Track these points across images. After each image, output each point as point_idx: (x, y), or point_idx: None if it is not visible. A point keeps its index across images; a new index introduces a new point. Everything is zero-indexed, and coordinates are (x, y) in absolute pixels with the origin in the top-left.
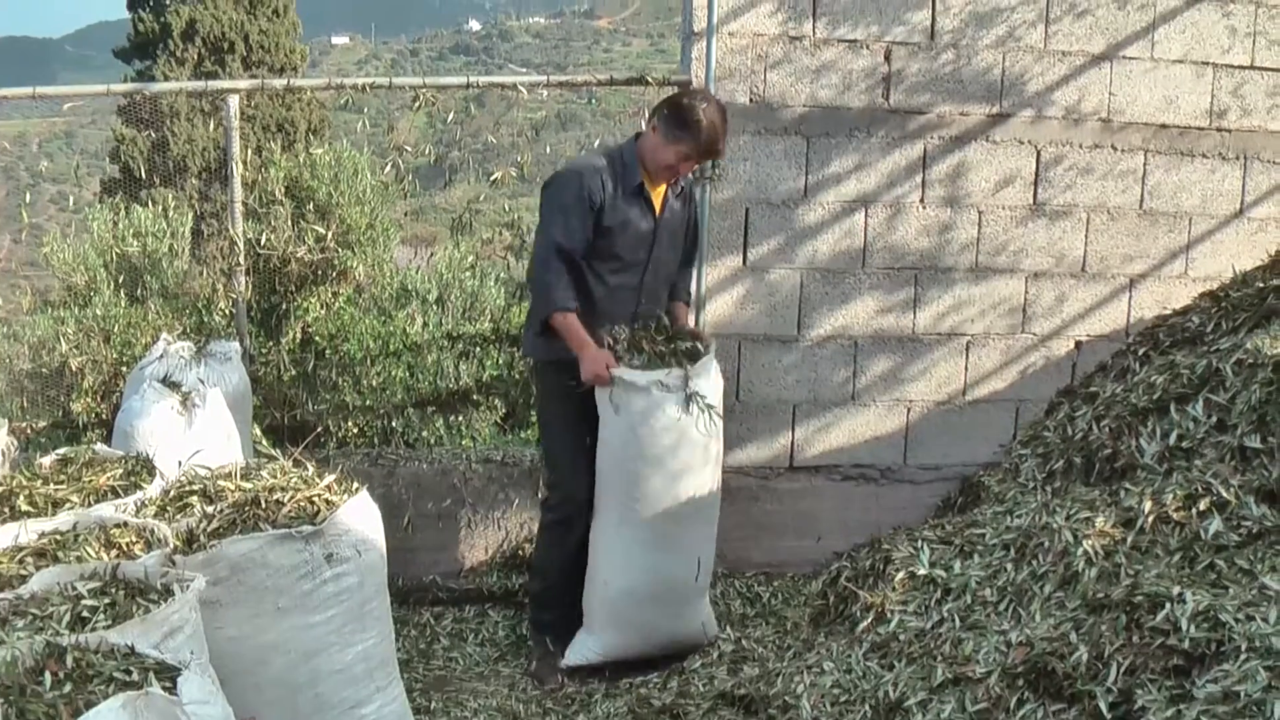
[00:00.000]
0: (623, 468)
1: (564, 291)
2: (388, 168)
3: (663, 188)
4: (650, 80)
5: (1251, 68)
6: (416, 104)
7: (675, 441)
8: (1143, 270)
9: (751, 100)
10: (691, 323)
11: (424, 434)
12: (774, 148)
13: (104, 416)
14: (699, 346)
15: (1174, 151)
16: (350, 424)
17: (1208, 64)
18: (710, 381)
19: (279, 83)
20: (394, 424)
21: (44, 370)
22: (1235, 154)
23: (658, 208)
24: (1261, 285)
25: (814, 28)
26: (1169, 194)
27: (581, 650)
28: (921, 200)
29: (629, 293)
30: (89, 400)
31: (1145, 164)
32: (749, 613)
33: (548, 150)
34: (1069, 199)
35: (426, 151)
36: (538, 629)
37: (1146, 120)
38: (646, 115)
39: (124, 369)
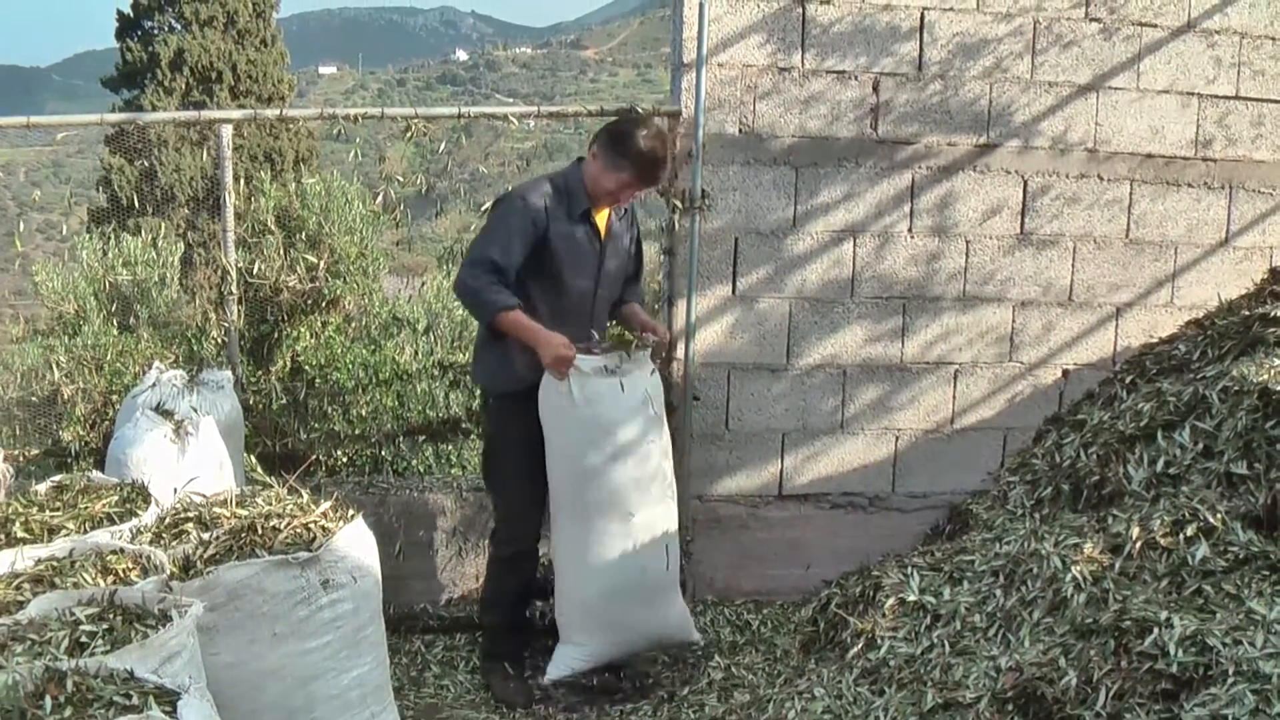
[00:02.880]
0: (577, 463)
1: (501, 293)
2: (379, 198)
3: (606, 211)
4: (640, 111)
5: (1236, 98)
6: (408, 134)
7: (625, 426)
8: (1129, 299)
9: (741, 131)
10: (650, 320)
11: (413, 463)
12: (763, 178)
13: (94, 445)
14: (643, 339)
15: (1160, 181)
16: (340, 452)
17: (1193, 94)
18: (649, 370)
19: (272, 113)
20: (384, 453)
21: (33, 398)
22: (1220, 183)
23: (602, 231)
24: (1247, 313)
25: (803, 59)
26: (1155, 223)
27: (563, 662)
28: (910, 230)
29: (577, 316)
30: (79, 429)
31: (1131, 193)
32: (739, 640)
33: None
34: (1056, 228)
35: (418, 181)
36: (491, 658)
37: (1132, 150)
38: (590, 139)
39: (114, 397)
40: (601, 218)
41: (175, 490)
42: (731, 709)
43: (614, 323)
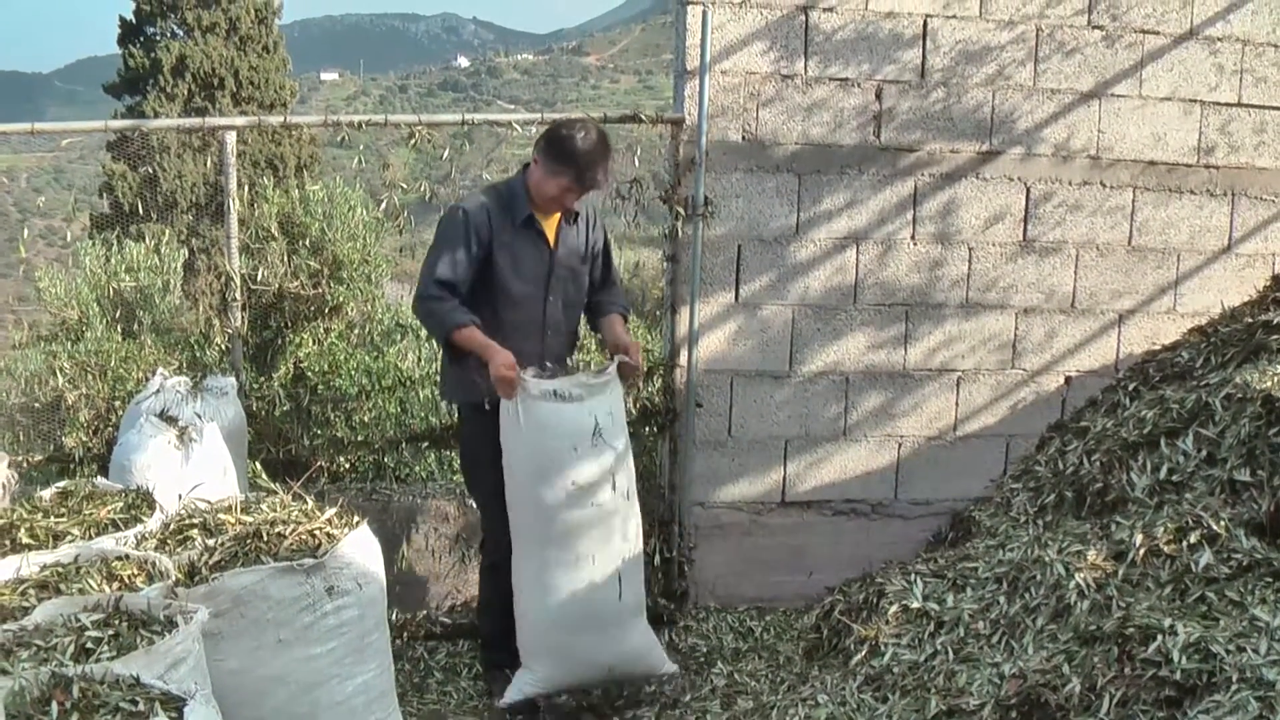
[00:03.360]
0: (527, 490)
1: (454, 311)
2: (383, 204)
3: (555, 218)
4: (644, 118)
5: (1239, 105)
6: (412, 141)
7: (575, 455)
8: (1132, 306)
9: (744, 138)
10: (625, 339)
11: (416, 469)
12: (766, 185)
13: (97, 451)
14: (603, 363)
15: (1162, 188)
16: (342, 459)
17: (1195, 101)
18: (607, 396)
19: (276, 120)
20: (386, 459)
21: (36, 404)
22: (1223, 190)
23: (551, 239)
24: (1250, 320)
25: (806, 66)
26: (1157, 230)
27: (519, 687)
28: (912, 237)
29: (531, 326)
30: (82, 435)
31: (1134, 200)
32: (741, 647)
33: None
34: (1058, 235)
35: (421, 188)
36: (491, 666)
37: (1135, 157)
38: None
39: (117, 403)
40: (550, 224)
41: (180, 496)
42: (735, 715)
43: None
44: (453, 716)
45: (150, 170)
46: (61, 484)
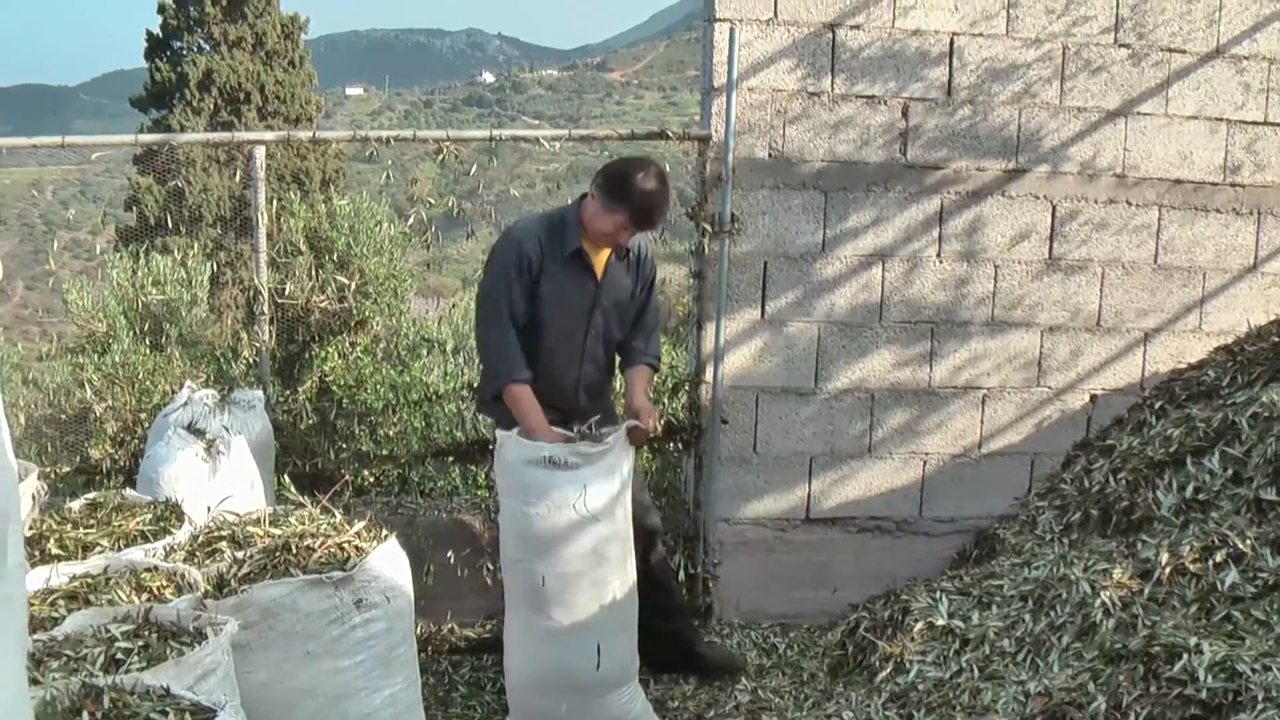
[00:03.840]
0: (512, 548)
1: (517, 362)
2: (410, 219)
3: (606, 252)
4: (671, 134)
5: (1265, 123)
6: (440, 156)
7: (559, 523)
8: (1157, 324)
9: (770, 155)
10: (641, 401)
11: (440, 484)
12: (792, 202)
13: (123, 463)
14: (616, 427)
15: (1188, 207)
16: (367, 473)
17: (1222, 120)
18: (605, 463)
19: (305, 135)
20: (411, 473)
21: (63, 416)
22: (1249, 209)
23: (599, 272)
24: (1276, 339)
25: (832, 83)
26: (1183, 249)
27: None
28: (938, 254)
29: (570, 356)
30: (108, 447)
31: (1160, 219)
32: (765, 663)
33: (568, 202)
34: (1084, 254)
35: (450, 203)
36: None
37: (1161, 176)
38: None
39: (143, 416)
40: (599, 258)
41: (208, 509)
42: None
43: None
44: None
45: (177, 184)
46: (90, 495)
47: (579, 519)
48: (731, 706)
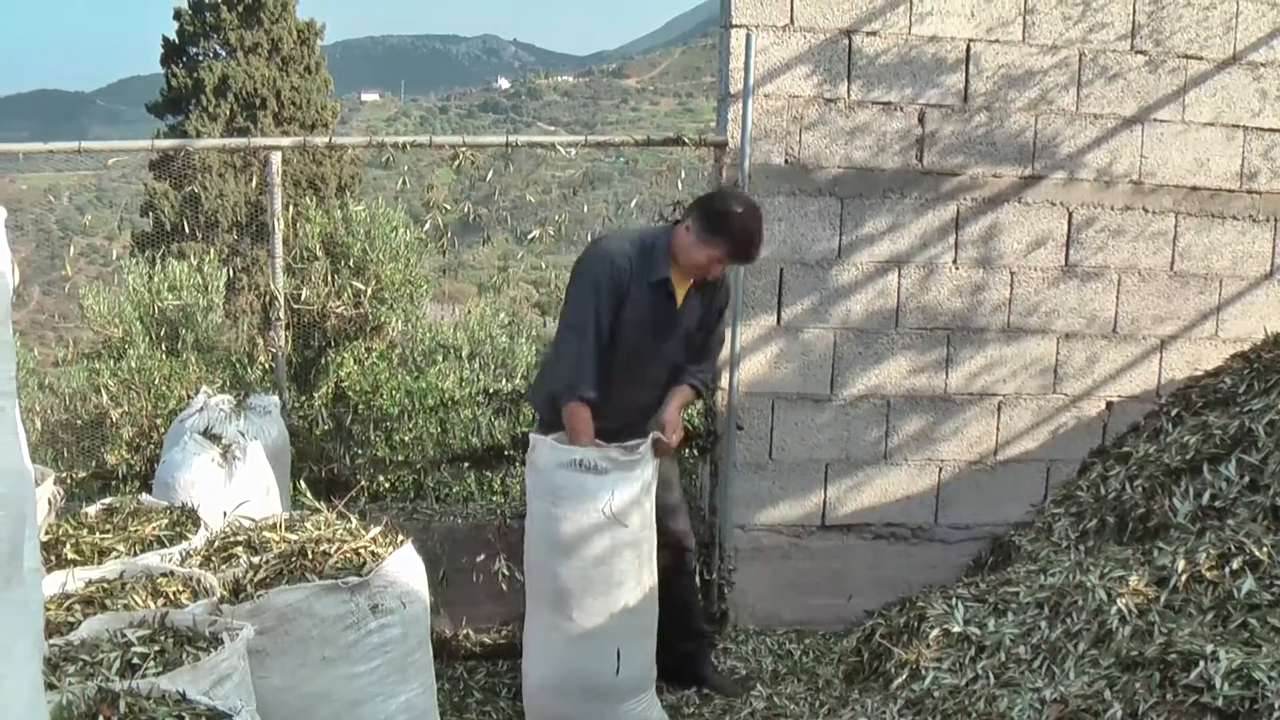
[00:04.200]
0: (537, 551)
1: (589, 378)
2: (427, 225)
3: (688, 283)
4: (688, 141)
5: None
6: (456, 162)
7: (585, 527)
8: (1173, 331)
9: (787, 161)
10: (669, 414)
11: (456, 490)
12: (808, 208)
13: (138, 468)
14: (643, 440)
15: (1205, 214)
16: (383, 478)
17: (1238, 127)
18: (633, 473)
19: (321, 140)
20: (427, 479)
21: (79, 421)
22: (1266, 216)
23: (679, 301)
24: None
25: (849, 90)
26: (1200, 255)
27: None
28: (954, 261)
29: (635, 379)
30: (124, 452)
31: (1176, 226)
32: (780, 670)
33: (584, 209)
34: (1100, 260)
35: (465, 209)
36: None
37: (1177, 183)
38: (684, 210)
39: (159, 421)
40: (682, 288)
41: (224, 514)
42: None
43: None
44: None
45: (193, 190)
46: (107, 500)
47: (604, 522)
48: (746, 713)
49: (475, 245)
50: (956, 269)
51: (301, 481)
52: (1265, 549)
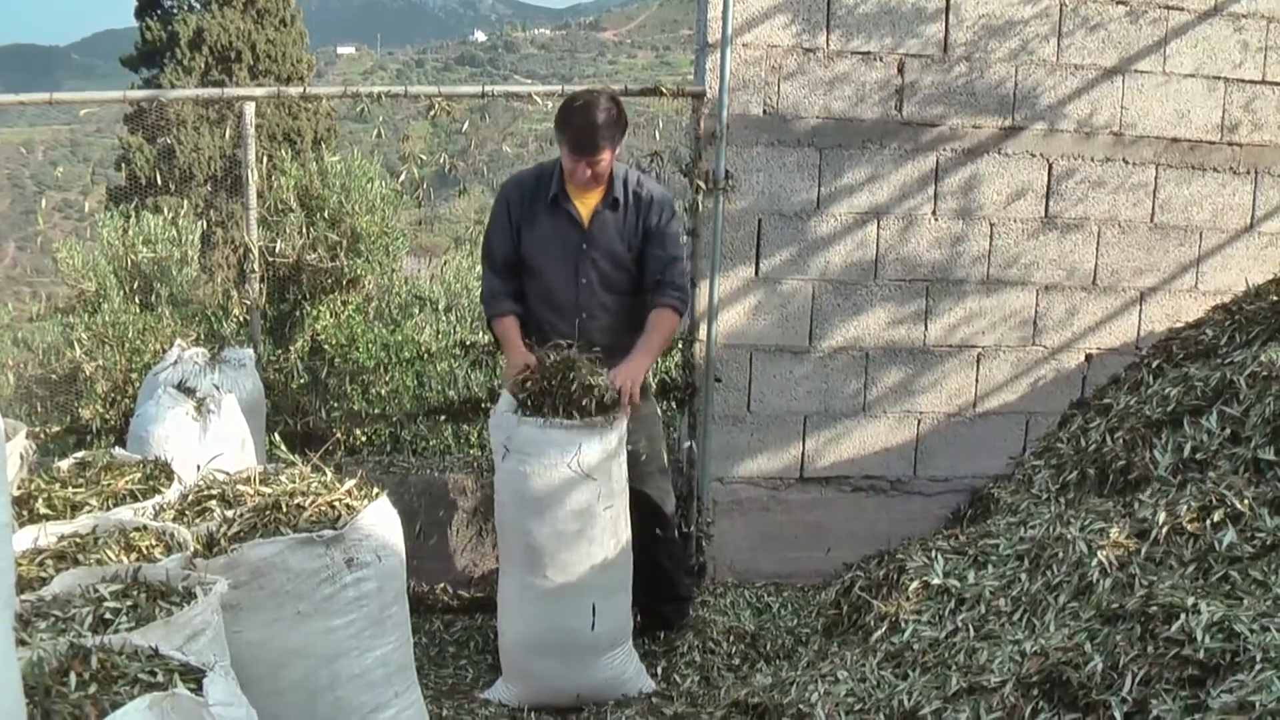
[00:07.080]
0: (508, 510)
1: (499, 298)
2: (402, 177)
3: (592, 200)
4: (665, 91)
5: (1263, 82)
6: (432, 113)
7: (554, 482)
8: (1153, 284)
9: (765, 112)
10: (622, 372)
11: (432, 443)
12: (787, 159)
13: (113, 422)
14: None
15: (1185, 165)
16: (359, 432)
17: (1219, 78)
18: (598, 441)
19: (295, 91)
20: (403, 432)
21: (53, 376)
22: (1246, 168)
23: (585, 218)
24: (1275, 299)
25: (828, 39)
26: (1180, 208)
27: (498, 692)
28: (934, 212)
29: (565, 307)
30: (99, 406)
31: (1156, 178)
32: (760, 623)
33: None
34: (1080, 212)
35: (442, 161)
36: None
37: (1158, 134)
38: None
39: (134, 375)
40: (585, 205)
41: (198, 468)
42: (754, 691)
43: (583, 348)
44: (469, 690)
45: (167, 143)
46: (79, 455)
47: (574, 477)
48: (725, 667)
49: (451, 198)
50: (936, 220)
51: (277, 435)
52: (1246, 501)
